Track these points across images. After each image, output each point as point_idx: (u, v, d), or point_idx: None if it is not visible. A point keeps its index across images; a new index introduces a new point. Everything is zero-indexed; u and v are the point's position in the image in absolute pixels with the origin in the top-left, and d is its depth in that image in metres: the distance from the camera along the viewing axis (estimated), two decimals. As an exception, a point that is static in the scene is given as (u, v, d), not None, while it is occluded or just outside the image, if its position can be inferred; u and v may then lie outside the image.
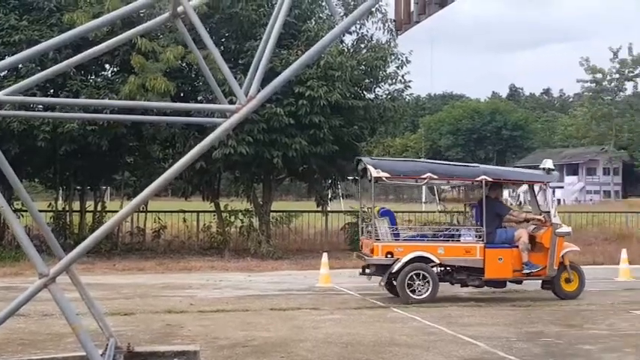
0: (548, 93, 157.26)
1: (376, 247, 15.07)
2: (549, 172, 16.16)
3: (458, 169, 17.38)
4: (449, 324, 12.54)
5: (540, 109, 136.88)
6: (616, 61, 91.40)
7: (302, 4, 23.19)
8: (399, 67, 24.41)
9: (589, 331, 12.17)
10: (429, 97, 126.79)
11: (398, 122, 26.03)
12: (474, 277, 15.31)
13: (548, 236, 15.26)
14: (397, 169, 16.53)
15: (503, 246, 15.28)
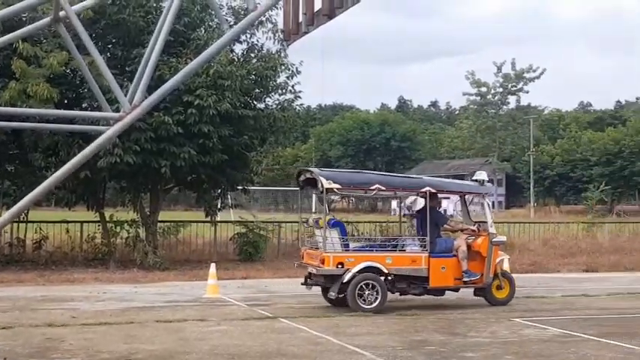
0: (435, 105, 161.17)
1: (327, 257, 15.16)
2: (483, 183, 16.86)
3: (404, 181, 18.15)
4: (336, 334, 12.63)
5: (428, 121, 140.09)
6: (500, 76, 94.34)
7: (191, 12, 22.99)
8: (289, 77, 24.50)
9: (472, 339, 12.46)
10: (320, 107, 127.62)
11: (288, 132, 26.08)
12: (414, 286, 15.68)
13: (486, 245, 15.84)
14: (348, 181, 16.77)
15: (446, 255, 15.75)
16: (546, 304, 16.68)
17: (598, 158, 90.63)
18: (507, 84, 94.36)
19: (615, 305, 16.60)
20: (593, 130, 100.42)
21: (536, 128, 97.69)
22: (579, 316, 14.96)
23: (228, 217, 31.72)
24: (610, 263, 25.06)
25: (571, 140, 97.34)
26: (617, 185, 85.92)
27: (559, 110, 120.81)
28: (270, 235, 26.54)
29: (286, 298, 17.41)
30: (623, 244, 27.90)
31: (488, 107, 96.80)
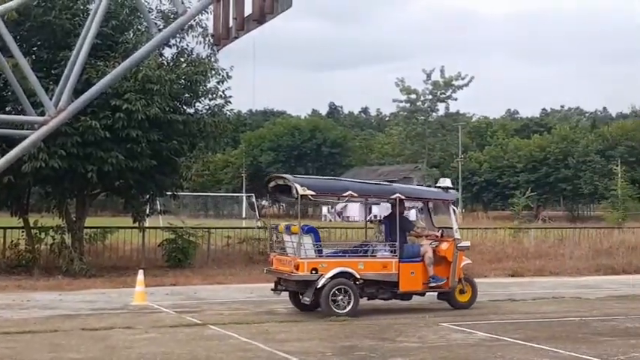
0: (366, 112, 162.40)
1: (302, 263, 15.33)
2: (447, 190, 17.42)
3: (374, 188, 18.43)
4: (266, 340, 12.59)
5: (358, 128, 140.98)
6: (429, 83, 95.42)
7: (120, 15, 22.70)
8: (219, 82, 24.35)
9: (401, 344, 12.56)
10: (251, 113, 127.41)
11: (218, 137, 25.89)
12: (383, 290, 16.03)
13: (451, 250, 16.33)
14: (322, 187, 17.13)
15: (414, 260, 16.10)
16: (474, 308, 16.87)
17: (524, 165, 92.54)
18: (436, 91, 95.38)
19: (540, 309, 16.92)
20: (519, 138, 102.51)
21: (464, 135, 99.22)
22: (506, 321, 15.21)
23: (157, 223, 31.41)
24: (535, 268, 25.54)
25: (498, 147, 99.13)
26: (542, 191, 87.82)
27: (487, 117, 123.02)
28: (200, 241, 26.34)
29: (215, 304, 17.29)
30: (548, 250, 28.46)
31: (417, 114, 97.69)
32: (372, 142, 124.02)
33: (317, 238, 16.26)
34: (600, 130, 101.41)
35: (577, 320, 15.19)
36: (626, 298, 19.11)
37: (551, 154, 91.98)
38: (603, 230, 33.11)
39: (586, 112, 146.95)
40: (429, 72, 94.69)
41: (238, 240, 26.62)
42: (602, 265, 25.93)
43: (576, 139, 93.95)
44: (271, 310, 16.35)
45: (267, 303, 16.88)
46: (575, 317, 15.56)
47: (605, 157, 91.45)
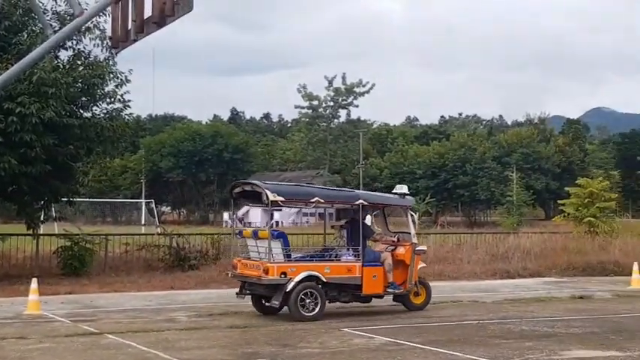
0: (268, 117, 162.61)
1: (271, 267, 15.67)
2: (404, 196, 18.11)
3: (339, 194, 19.22)
4: (165, 349, 12.41)
5: (260, 133, 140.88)
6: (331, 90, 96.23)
7: (13, 15, 22.06)
8: (118, 85, 23.88)
9: (302, 349, 12.58)
10: (150, 117, 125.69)
11: (117, 142, 25.39)
12: (345, 293, 16.64)
13: (409, 254, 17.07)
14: (291, 194, 17.59)
15: (375, 264, 16.70)
16: (374, 313, 17.04)
17: (423, 171, 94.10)
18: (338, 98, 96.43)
19: (439, 313, 17.18)
20: (419, 144, 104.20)
21: (365, 142, 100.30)
22: (406, 325, 15.38)
23: (52, 229, 30.58)
24: (434, 272, 25.84)
25: (398, 154, 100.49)
26: (441, 197, 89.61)
27: (387, 124, 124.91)
28: (97, 248, 25.75)
29: (113, 313, 16.94)
30: (447, 255, 28.90)
31: (319, 120, 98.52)
32: (274, 148, 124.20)
33: (286, 243, 16.58)
34: (496, 138, 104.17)
35: (475, 324, 15.50)
36: (521, 301, 19.61)
37: (449, 160, 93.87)
38: (499, 235, 33.90)
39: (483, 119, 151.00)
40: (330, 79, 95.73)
41: (137, 247, 26.15)
42: (499, 269, 26.54)
43: (474, 146, 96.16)
44: (171, 317, 16.14)
45: (166, 311, 16.67)
46: (473, 321, 15.88)
47: (501, 163, 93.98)
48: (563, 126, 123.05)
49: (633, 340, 13.42)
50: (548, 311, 17.55)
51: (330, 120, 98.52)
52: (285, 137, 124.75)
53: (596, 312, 17.48)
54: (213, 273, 23.91)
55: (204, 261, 25.26)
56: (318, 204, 17.52)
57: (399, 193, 18.18)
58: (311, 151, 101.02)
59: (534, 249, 29.38)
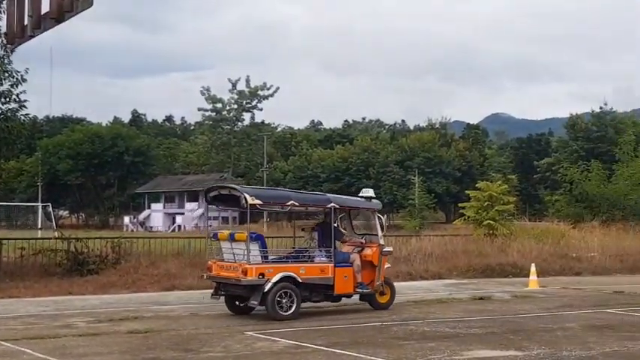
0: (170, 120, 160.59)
1: (250, 269, 16.13)
2: (370, 200, 18.78)
3: (312, 197, 20.41)
4: (63, 355, 12.08)
5: (162, 136, 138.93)
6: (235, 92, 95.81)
7: None
8: (13, 85, 23.22)
9: (205, 354, 12.41)
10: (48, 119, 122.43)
11: (12, 144, 24.67)
12: (316, 294, 17.25)
13: (377, 255, 17.81)
14: (268, 197, 18.16)
15: (346, 265, 17.39)
16: (277, 317, 17.02)
17: (327, 175, 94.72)
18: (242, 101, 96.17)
19: (343, 316, 17.22)
20: (323, 148, 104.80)
21: (269, 145, 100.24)
22: (310, 328, 15.38)
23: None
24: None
25: (302, 157, 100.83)
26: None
27: (291, 128, 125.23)
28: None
29: (8, 319, 16.36)
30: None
31: (223, 123, 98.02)
32: (176, 150, 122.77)
33: (263, 245, 17.06)
34: (399, 142, 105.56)
35: (378, 325, 15.61)
36: (423, 302, 19.87)
37: (353, 164, 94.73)
38: (402, 238, 34.31)
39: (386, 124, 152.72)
40: (234, 81, 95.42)
41: (33, 251, 25.40)
42: (401, 272, 26.79)
43: (377, 150, 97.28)
44: (69, 323, 15.71)
45: (63, 316, 16.23)
46: (376, 322, 15.99)
47: (403, 167, 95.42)
48: (464, 131, 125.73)
49: (531, 339, 13.75)
50: (449, 312, 17.82)
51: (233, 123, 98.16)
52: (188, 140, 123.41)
53: (495, 312, 17.83)
54: (113, 278, 23.43)
55: (104, 265, 24.69)
56: (293, 207, 17.99)
57: (365, 196, 18.77)
58: (214, 154, 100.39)
59: (436, 251, 29.88)
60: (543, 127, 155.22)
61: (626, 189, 50.12)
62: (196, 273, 24.43)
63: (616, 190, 50.28)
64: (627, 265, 30.44)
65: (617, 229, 37.85)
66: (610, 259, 30.56)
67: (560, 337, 14.03)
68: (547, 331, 14.92)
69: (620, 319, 16.71)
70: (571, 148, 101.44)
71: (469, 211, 38.48)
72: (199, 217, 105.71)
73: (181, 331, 14.79)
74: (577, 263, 30.19)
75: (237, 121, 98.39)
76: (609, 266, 30.05)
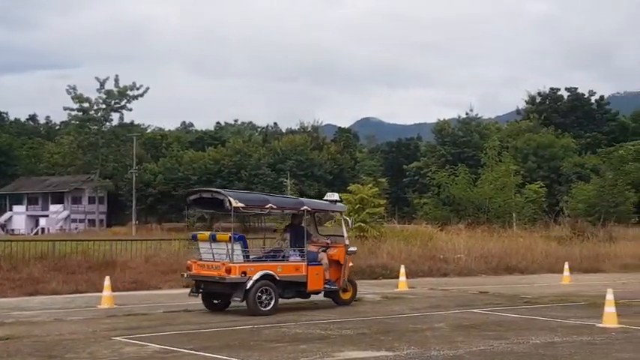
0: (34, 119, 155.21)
1: (234, 267, 17.24)
2: (335, 203, 20.38)
3: (288, 201, 22.15)
4: None
5: (26, 135, 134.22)
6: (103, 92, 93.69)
7: None
8: None
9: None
10: None
11: None
12: (289, 290, 18.48)
13: (342, 255, 19.20)
14: (250, 200, 19.34)
15: (316, 264, 18.65)
16: (147, 320, 16.65)
17: (199, 177, 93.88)
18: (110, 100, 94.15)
19: (213, 319, 17.04)
20: (194, 150, 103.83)
21: (139, 146, 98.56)
22: (180, 331, 15.13)
23: None
24: (209, 279, 25.79)
25: (173, 159, 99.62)
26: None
27: (162, 129, 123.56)
28: None
29: None
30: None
31: (90, 123, 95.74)
32: (40, 151, 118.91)
33: (245, 245, 18.20)
34: (271, 145, 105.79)
35: (249, 328, 15.51)
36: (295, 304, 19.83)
37: (225, 166, 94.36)
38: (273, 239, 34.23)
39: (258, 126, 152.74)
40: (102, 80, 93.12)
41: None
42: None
43: (249, 152, 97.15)
44: None
45: None
46: (248, 325, 15.89)
47: (275, 170, 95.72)
48: (335, 134, 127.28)
49: (401, 339, 13.96)
50: (321, 314, 17.89)
51: (101, 123, 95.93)
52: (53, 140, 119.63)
53: (367, 314, 18.00)
54: (-28, 282, 22.46)
55: (-38, 270, 23.62)
56: (271, 209, 19.17)
57: (330, 200, 20.27)
58: (81, 155, 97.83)
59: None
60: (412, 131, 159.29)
61: (490, 192, 51.95)
62: (61, 277, 23.75)
63: (481, 193, 52.03)
64: (491, 267, 31.41)
65: (482, 232, 38.96)
66: (475, 261, 31.44)
67: (429, 337, 14.29)
68: (416, 331, 15.17)
69: (486, 319, 17.12)
70: (438, 153, 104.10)
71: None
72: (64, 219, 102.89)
73: (45, 337, 14.26)
74: (444, 264, 30.91)
75: (105, 121, 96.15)
76: (475, 267, 30.92)
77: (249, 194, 23.42)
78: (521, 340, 13.99)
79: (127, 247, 30.23)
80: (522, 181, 59.83)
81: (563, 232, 43.30)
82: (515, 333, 14.85)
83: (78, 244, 30.28)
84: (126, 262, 26.87)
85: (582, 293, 22.52)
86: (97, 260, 26.63)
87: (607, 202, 56.68)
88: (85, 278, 23.86)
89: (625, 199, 59.64)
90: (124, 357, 12.35)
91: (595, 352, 12.84)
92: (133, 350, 12.95)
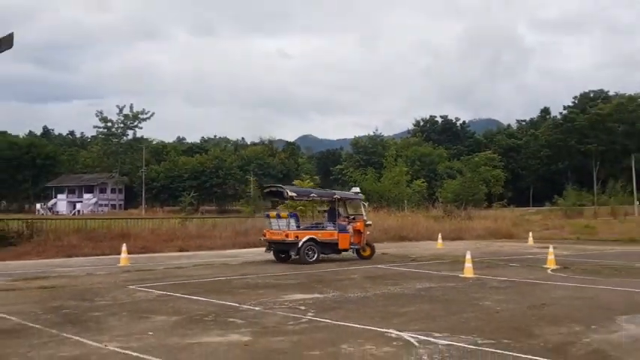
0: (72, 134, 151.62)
1: (290, 233, 18.71)
2: (358, 194, 21.48)
3: (325, 192, 22.24)
4: (-14, 306, 11.06)
5: (67, 146, 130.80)
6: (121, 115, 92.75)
7: None
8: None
9: (98, 302, 11.79)
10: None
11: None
12: (328, 249, 19.45)
13: (362, 226, 20.01)
14: (299, 191, 21.39)
15: (345, 232, 19.57)
16: (152, 274, 16.43)
17: (189, 175, 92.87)
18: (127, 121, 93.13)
19: (199, 273, 16.92)
20: (186, 156, 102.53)
21: (147, 154, 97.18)
22: (175, 282, 14.97)
23: None
24: (196, 245, 25.56)
25: (171, 163, 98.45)
26: (202, 193, 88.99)
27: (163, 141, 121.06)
28: None
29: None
30: (205, 232, 28.60)
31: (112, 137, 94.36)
32: (77, 156, 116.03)
33: (297, 220, 19.45)
34: (240, 153, 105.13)
35: (224, 279, 15.43)
36: (256, 263, 19.82)
37: (207, 167, 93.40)
38: (241, 219, 34.17)
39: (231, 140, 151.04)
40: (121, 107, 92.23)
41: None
42: (240, 242, 26.69)
43: (224, 158, 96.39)
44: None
45: None
46: (223, 277, 15.80)
47: (243, 170, 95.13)
48: (284, 146, 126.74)
49: (329, 286, 14.02)
50: (274, 269, 17.68)
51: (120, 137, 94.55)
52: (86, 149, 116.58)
53: (305, 268, 17.82)
54: (28, 248, 21.88)
55: (20, 239, 22.96)
56: (314, 198, 21.43)
57: (355, 192, 21.34)
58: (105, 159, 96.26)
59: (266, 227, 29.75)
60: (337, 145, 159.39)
61: (389, 186, 52.48)
62: (91, 244, 23.25)
63: (383, 187, 52.49)
64: (390, 236, 31.65)
65: (383, 213, 39.31)
66: (379, 232, 31.71)
67: (348, 284, 14.39)
68: (339, 280, 15.24)
69: (386, 271, 17.21)
70: (354, 159, 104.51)
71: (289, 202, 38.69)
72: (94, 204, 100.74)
73: (79, 286, 13.99)
74: (358, 235, 31.08)
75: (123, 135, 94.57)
76: (379, 237, 31.16)
77: (300, 188, 25.22)
78: (409, 285, 14.19)
79: (139, 223, 29.77)
80: (410, 178, 60.55)
81: (438, 213, 43.93)
82: (406, 281, 15.02)
83: (103, 221, 29.70)
84: (138, 234, 26.47)
85: (450, 254, 22.89)
86: (117, 232, 26.17)
87: (467, 192, 57.72)
88: (108, 245, 23.46)
89: (479, 191, 60.97)
90: (136, 300, 12.20)
91: (457, 293, 13.11)
92: (142, 295, 12.79)
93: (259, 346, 8.28)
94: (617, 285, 14.21)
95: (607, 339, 8.73)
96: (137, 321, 9.94)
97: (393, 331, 9.10)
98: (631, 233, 33.10)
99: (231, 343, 8.43)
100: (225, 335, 8.90)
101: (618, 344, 8.44)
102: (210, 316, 10.36)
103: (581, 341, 8.60)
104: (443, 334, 8.93)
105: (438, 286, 14.14)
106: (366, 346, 8.25)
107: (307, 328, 9.41)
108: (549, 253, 18.87)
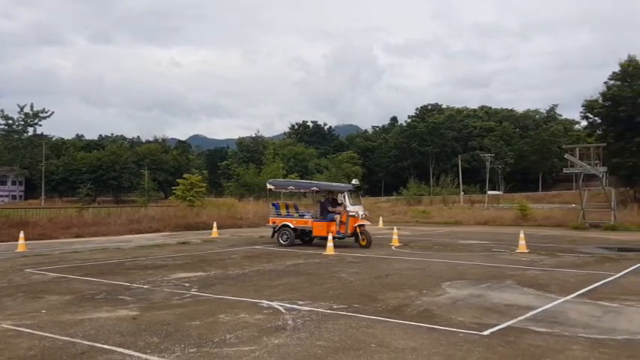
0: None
1: (270, 219, 19.25)
2: (354, 186, 19.21)
3: (303, 184, 21.37)
4: None
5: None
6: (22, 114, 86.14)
7: None
8: None
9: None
10: None
11: None
12: (302, 235, 18.71)
13: (345, 216, 18.19)
14: (277, 184, 20.39)
15: (326, 220, 18.34)
16: (48, 259, 15.27)
17: (87, 169, 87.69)
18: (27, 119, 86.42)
19: (93, 257, 15.98)
20: (85, 152, 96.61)
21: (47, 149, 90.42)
22: (71, 265, 14.04)
23: None
24: (92, 232, 24.09)
25: (70, 157, 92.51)
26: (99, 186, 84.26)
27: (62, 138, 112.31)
28: None
29: None
30: (101, 220, 26.97)
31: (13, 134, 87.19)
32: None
33: (277, 208, 19.36)
34: (136, 149, 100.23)
35: (116, 262, 14.70)
36: (147, 247, 19.05)
37: (104, 162, 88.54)
38: (135, 208, 32.69)
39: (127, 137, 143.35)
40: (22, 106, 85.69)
41: None
42: (134, 228, 25.50)
43: (121, 154, 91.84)
44: None
45: None
46: (115, 260, 15.05)
47: (138, 165, 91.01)
48: (177, 144, 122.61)
49: (212, 265, 13.84)
50: (163, 252, 17.21)
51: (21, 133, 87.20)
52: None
53: (191, 251, 17.56)
54: None
55: None
56: (291, 190, 20.06)
57: (354, 184, 19.37)
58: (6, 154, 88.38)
59: (157, 215, 28.78)
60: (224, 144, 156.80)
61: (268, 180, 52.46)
62: None
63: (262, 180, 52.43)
64: (267, 222, 31.66)
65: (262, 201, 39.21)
66: (258, 219, 31.58)
67: (228, 263, 14.27)
68: (221, 260, 15.07)
69: (262, 252, 17.14)
70: (238, 156, 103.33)
71: (178, 192, 37.76)
72: None
73: (-25, 272, 12.67)
74: (240, 221, 30.88)
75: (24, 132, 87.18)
76: (258, 222, 31.14)
77: (281, 180, 24.42)
78: (281, 262, 14.33)
79: (37, 212, 27.55)
80: (286, 173, 60.94)
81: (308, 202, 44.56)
82: (278, 259, 15.13)
83: (2, 211, 27.21)
84: (36, 222, 24.48)
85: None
86: (16, 221, 24.04)
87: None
88: (6, 233, 21.49)
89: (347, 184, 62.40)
90: (31, 281, 11.32)
91: (320, 268, 13.43)
92: (38, 278, 11.89)
93: (145, 319, 7.99)
94: (445, 258, 15.27)
95: (434, 301, 9.37)
96: (32, 301, 9.22)
97: (265, 301, 9.16)
98: (457, 217, 35.64)
99: (119, 318, 8.07)
100: (114, 311, 8.50)
101: (442, 304, 9.09)
102: (101, 294, 9.83)
103: (414, 303, 9.16)
104: (306, 301, 9.12)
105: (306, 262, 14.39)
106: (241, 315, 8.24)
107: (190, 302, 9.22)
108: (394, 233, 19.83)
